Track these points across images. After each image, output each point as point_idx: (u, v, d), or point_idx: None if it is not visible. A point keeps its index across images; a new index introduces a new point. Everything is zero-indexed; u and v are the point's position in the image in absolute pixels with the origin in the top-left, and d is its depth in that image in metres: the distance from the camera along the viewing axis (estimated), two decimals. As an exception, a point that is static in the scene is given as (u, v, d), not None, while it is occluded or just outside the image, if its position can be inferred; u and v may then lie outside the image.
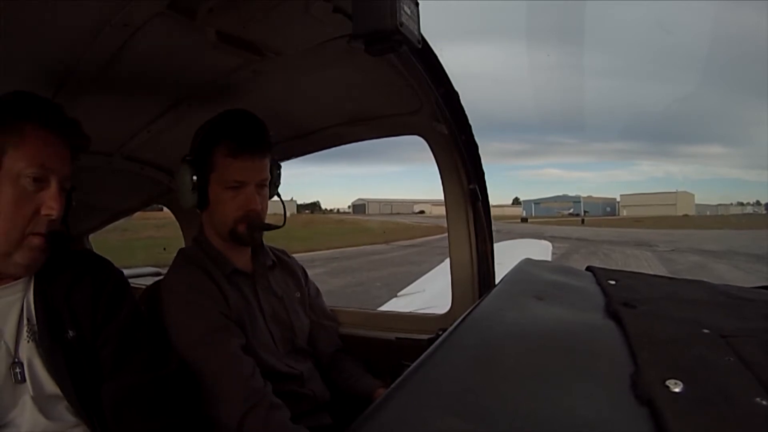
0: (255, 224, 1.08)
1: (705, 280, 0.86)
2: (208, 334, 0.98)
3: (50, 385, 0.79)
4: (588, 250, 18.07)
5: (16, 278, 0.80)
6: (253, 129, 1.06)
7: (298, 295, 1.24)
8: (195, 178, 1.04)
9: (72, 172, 0.83)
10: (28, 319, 0.79)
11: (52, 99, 1.06)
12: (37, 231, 0.77)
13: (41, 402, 0.78)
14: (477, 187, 1.20)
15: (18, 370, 0.77)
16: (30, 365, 0.78)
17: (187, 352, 0.95)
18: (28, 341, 0.78)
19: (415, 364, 0.51)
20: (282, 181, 1.19)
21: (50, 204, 0.77)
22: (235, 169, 1.04)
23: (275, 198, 1.19)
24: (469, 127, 1.11)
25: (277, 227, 1.13)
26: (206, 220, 1.12)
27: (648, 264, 13.04)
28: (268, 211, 1.13)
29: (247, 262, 1.16)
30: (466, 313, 0.68)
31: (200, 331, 0.97)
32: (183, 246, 1.23)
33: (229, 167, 1.04)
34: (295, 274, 1.27)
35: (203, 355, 0.95)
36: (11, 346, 0.78)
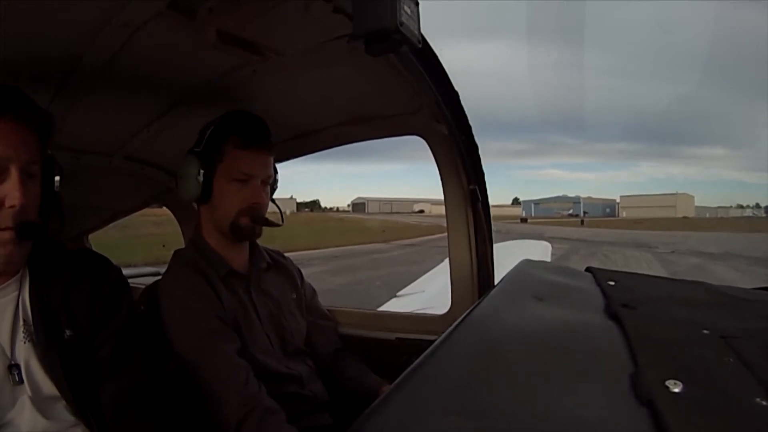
0: (258, 218, 1.09)
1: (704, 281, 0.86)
2: (204, 338, 0.98)
3: (48, 386, 0.78)
4: (588, 251, 18.07)
5: (8, 278, 0.79)
6: (262, 127, 1.09)
7: (294, 297, 1.24)
8: (202, 169, 1.05)
9: (44, 156, 0.79)
10: (24, 320, 0.78)
11: (52, 99, 1.06)
12: (5, 225, 0.74)
13: (40, 402, 0.77)
14: (477, 187, 1.20)
15: (15, 371, 0.76)
16: (27, 366, 0.77)
17: (184, 356, 0.95)
18: (25, 342, 0.78)
19: (414, 364, 0.51)
20: (281, 180, 1.21)
21: (12, 194, 0.73)
22: (245, 162, 1.06)
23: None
24: (469, 127, 1.11)
25: (278, 225, 1.14)
26: (205, 216, 1.12)
27: (648, 265, 13.05)
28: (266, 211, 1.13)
29: (244, 262, 1.16)
30: (465, 313, 0.68)
31: (197, 336, 0.97)
32: (182, 243, 1.23)
33: (239, 159, 1.05)
34: (291, 276, 1.27)
35: (199, 360, 0.95)
36: (7, 347, 0.77)
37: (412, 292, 3.43)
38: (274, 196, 1.20)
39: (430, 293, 3.11)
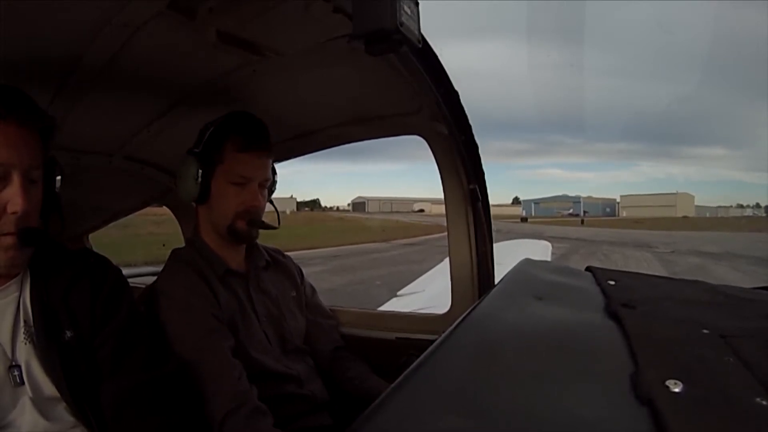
0: (255, 221, 1.09)
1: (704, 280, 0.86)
2: (203, 338, 0.98)
3: (49, 387, 0.78)
4: (588, 250, 18.08)
5: (9, 279, 0.79)
6: (261, 129, 1.09)
7: (294, 295, 1.24)
8: (200, 169, 1.05)
9: (45, 159, 0.79)
10: (24, 321, 0.79)
11: (52, 99, 1.06)
12: (7, 231, 0.74)
13: (40, 403, 0.77)
14: (477, 187, 1.20)
15: (16, 372, 0.77)
16: (28, 367, 0.77)
17: (184, 355, 0.95)
18: (26, 343, 0.78)
19: (414, 364, 0.51)
20: (281, 179, 1.21)
21: (14, 201, 0.73)
22: (243, 165, 1.06)
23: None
24: (470, 127, 1.11)
25: (274, 228, 1.15)
26: (203, 217, 1.12)
27: (648, 265, 13.05)
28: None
29: (241, 262, 1.16)
30: (465, 313, 0.68)
31: (196, 336, 0.98)
32: (183, 242, 1.23)
33: (237, 162, 1.05)
34: (291, 274, 1.27)
35: (199, 359, 0.95)
36: (8, 348, 0.77)
37: (413, 292, 3.43)
38: (273, 196, 1.20)
39: (430, 293, 3.11)
